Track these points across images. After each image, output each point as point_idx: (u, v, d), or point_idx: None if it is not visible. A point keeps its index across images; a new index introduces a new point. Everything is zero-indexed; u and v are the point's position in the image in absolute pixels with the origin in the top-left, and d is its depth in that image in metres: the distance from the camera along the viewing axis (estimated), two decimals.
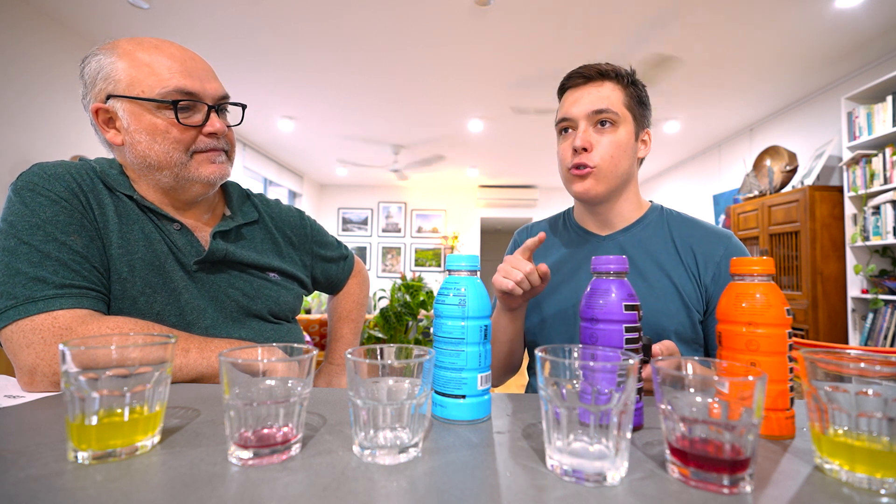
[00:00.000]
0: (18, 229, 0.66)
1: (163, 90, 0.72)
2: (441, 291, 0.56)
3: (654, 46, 2.98)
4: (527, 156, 5.67)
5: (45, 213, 0.67)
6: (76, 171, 0.73)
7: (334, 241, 1.12)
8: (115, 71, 0.73)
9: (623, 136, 0.87)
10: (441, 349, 0.54)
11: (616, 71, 0.88)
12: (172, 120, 0.74)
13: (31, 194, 0.68)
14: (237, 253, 0.84)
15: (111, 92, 0.73)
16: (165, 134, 0.74)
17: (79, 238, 0.69)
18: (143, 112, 0.73)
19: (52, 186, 0.69)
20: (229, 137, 0.83)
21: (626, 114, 0.88)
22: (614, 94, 0.87)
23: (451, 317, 0.54)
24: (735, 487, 0.36)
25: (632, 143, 0.89)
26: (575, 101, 0.89)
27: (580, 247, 0.96)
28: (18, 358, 0.62)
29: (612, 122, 0.86)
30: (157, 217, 0.78)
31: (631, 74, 0.90)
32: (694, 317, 0.85)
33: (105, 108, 0.74)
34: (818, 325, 3.13)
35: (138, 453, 0.41)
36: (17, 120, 2.60)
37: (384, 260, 7.58)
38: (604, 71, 0.88)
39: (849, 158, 3.03)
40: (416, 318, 5.26)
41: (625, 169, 0.88)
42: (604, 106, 0.86)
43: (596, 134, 0.87)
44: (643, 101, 0.91)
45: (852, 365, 0.39)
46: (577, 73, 0.90)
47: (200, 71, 0.77)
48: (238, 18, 2.79)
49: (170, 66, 0.74)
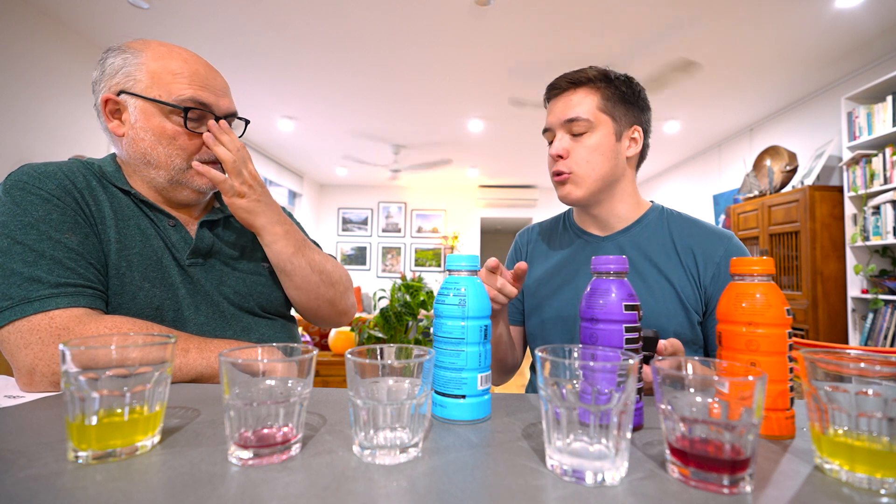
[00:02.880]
0: (11, 229, 0.65)
1: (179, 97, 0.75)
2: (441, 291, 0.56)
3: (654, 46, 2.98)
4: (527, 156, 5.67)
5: (38, 211, 0.67)
6: (67, 169, 0.74)
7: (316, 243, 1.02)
8: (137, 71, 0.75)
9: (598, 139, 0.88)
10: (441, 349, 0.54)
11: (588, 76, 0.89)
12: (181, 126, 0.76)
13: (22, 193, 0.68)
14: (226, 243, 0.86)
15: (128, 89, 0.75)
16: (172, 140, 0.76)
17: (73, 235, 0.68)
18: (155, 114, 0.75)
19: (43, 184, 0.69)
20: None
21: (601, 117, 0.88)
22: (586, 100, 0.88)
23: (451, 317, 0.54)
24: (735, 487, 0.36)
25: (611, 145, 0.89)
26: (551, 111, 0.93)
27: (580, 248, 0.96)
28: (16, 359, 0.62)
29: (585, 128, 0.88)
30: (152, 212, 0.79)
31: (608, 76, 0.90)
32: (692, 318, 0.85)
33: (115, 100, 0.76)
34: (818, 325, 3.13)
35: (138, 453, 0.41)
36: (17, 120, 2.60)
37: (384, 260, 7.58)
38: (574, 79, 0.90)
39: (849, 158, 3.03)
40: (416, 318, 5.26)
41: (605, 171, 0.88)
42: (573, 115, 0.88)
43: (572, 141, 0.89)
44: (626, 99, 0.90)
45: (852, 365, 0.39)
46: (554, 86, 0.93)
47: (218, 88, 0.81)
48: (238, 18, 2.79)
49: (191, 78, 0.77)
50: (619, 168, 0.91)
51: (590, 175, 0.88)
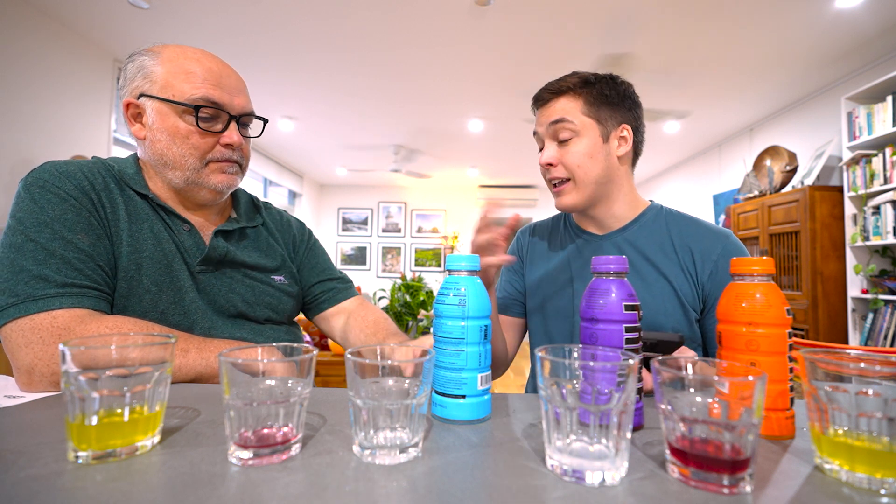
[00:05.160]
0: (26, 226, 0.66)
1: (191, 96, 0.76)
2: (441, 291, 0.56)
3: (654, 46, 2.98)
4: (527, 156, 5.67)
5: (54, 210, 0.68)
6: (87, 169, 0.74)
7: (334, 267, 1.05)
8: (155, 73, 0.77)
9: (586, 143, 0.88)
10: (441, 349, 0.54)
11: (571, 83, 0.89)
12: (194, 126, 0.77)
13: (41, 191, 0.69)
14: (238, 253, 0.85)
15: (145, 91, 0.77)
16: (185, 139, 0.77)
17: (86, 237, 0.69)
18: (170, 114, 0.76)
19: (62, 184, 0.70)
20: (244, 151, 0.86)
21: (585, 121, 0.88)
22: (568, 107, 0.89)
23: (451, 317, 0.54)
24: (735, 487, 0.36)
25: (599, 147, 0.89)
26: (537, 121, 0.94)
27: (580, 248, 0.97)
28: (16, 357, 0.62)
29: (570, 134, 0.88)
30: (168, 216, 0.79)
31: (589, 81, 0.89)
32: (690, 316, 0.86)
33: (136, 104, 0.78)
34: (818, 325, 3.13)
35: (138, 453, 0.41)
36: (17, 120, 2.60)
37: (384, 260, 7.58)
38: (555, 89, 0.90)
39: (849, 158, 3.03)
40: (416, 318, 5.26)
41: (598, 173, 0.89)
42: (557, 118, 0.89)
43: (559, 148, 0.90)
44: (611, 101, 0.89)
45: (852, 365, 0.39)
46: (538, 97, 0.94)
47: (232, 87, 0.81)
48: (238, 18, 2.79)
49: (204, 77, 0.77)
50: (611, 168, 0.91)
51: (584, 179, 0.89)
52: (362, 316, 0.96)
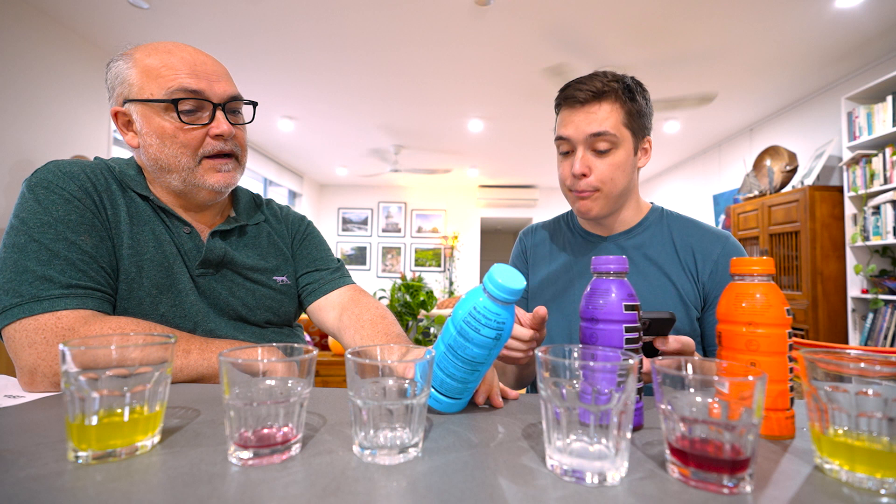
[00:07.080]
0: (30, 226, 0.66)
1: (168, 90, 0.73)
2: (475, 317, 0.49)
3: (654, 46, 2.98)
4: (527, 156, 5.67)
5: (58, 211, 0.68)
6: (91, 171, 0.74)
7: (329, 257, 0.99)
8: (130, 76, 0.74)
9: (622, 156, 0.85)
10: (455, 364, 0.51)
11: (614, 88, 0.83)
12: (177, 122, 0.74)
13: (45, 192, 0.69)
14: (237, 255, 0.84)
15: (127, 96, 0.75)
16: (173, 138, 0.74)
17: (89, 238, 0.69)
18: (153, 115, 0.74)
19: (66, 185, 0.70)
20: (239, 139, 0.81)
21: (624, 133, 0.84)
22: (612, 116, 0.83)
23: (481, 346, 0.50)
24: (735, 487, 0.36)
25: (631, 160, 0.87)
26: (571, 123, 0.85)
27: (583, 249, 0.97)
28: (20, 357, 0.62)
29: (609, 145, 0.84)
30: (169, 219, 0.79)
31: (631, 88, 0.85)
32: (692, 314, 0.87)
33: (123, 112, 0.76)
34: (818, 325, 3.13)
35: (138, 453, 0.41)
36: (17, 120, 2.60)
37: (384, 260, 7.58)
38: (599, 91, 0.83)
39: (849, 158, 3.03)
40: (416, 318, 5.26)
41: (624, 185, 0.87)
42: (601, 130, 0.82)
43: (594, 157, 0.85)
44: (643, 112, 0.86)
45: (852, 365, 0.39)
46: (572, 96, 0.85)
47: (210, 72, 0.76)
48: (238, 18, 2.79)
49: (177, 68, 0.74)
50: (634, 180, 0.91)
51: (613, 192, 0.86)
52: (357, 315, 0.84)
